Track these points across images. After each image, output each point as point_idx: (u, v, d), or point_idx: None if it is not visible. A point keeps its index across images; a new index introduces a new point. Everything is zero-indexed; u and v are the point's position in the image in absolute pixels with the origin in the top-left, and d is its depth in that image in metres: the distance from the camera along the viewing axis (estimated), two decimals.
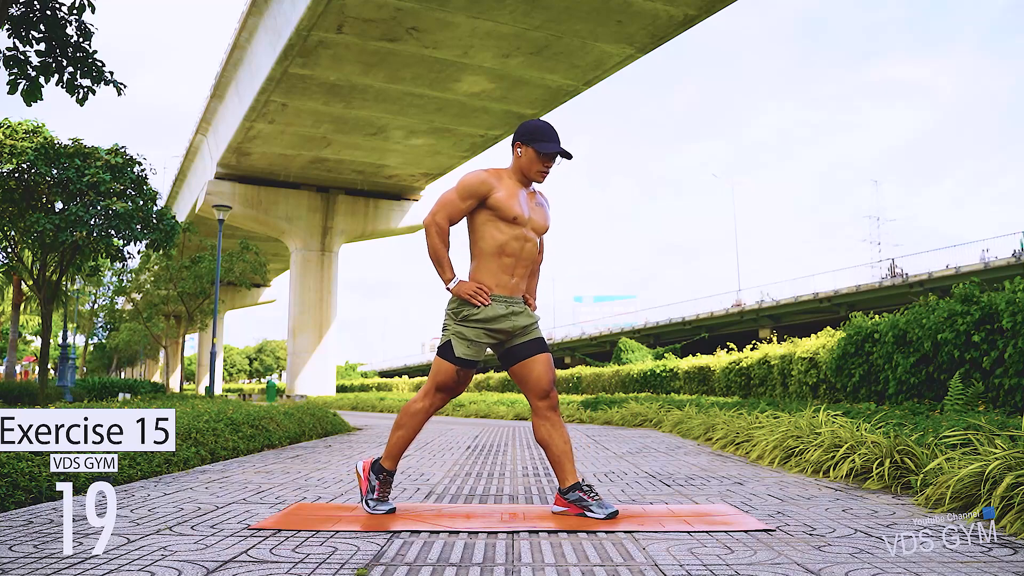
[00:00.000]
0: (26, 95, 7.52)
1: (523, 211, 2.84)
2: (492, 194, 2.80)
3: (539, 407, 2.84)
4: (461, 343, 2.81)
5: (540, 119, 2.95)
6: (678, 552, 2.21)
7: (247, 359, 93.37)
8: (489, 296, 2.81)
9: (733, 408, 8.00)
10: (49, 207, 13.29)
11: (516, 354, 2.86)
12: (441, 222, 2.80)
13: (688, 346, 32.01)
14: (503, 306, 2.84)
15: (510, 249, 2.84)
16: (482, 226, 2.83)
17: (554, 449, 2.84)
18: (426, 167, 28.99)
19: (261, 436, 6.03)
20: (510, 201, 2.82)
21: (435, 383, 2.85)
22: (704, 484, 3.81)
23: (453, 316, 2.84)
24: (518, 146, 2.88)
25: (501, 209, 2.80)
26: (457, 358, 2.80)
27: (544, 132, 2.86)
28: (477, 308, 2.80)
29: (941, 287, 26.15)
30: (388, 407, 19.21)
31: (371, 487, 2.87)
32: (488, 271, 2.84)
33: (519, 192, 2.87)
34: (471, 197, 2.80)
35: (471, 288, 2.79)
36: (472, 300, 2.79)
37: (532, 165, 2.87)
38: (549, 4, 16.77)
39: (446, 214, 2.80)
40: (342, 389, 38.96)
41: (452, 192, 2.83)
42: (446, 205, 2.81)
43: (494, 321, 2.82)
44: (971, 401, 5.74)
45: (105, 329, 48.62)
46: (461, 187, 2.82)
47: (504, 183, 2.84)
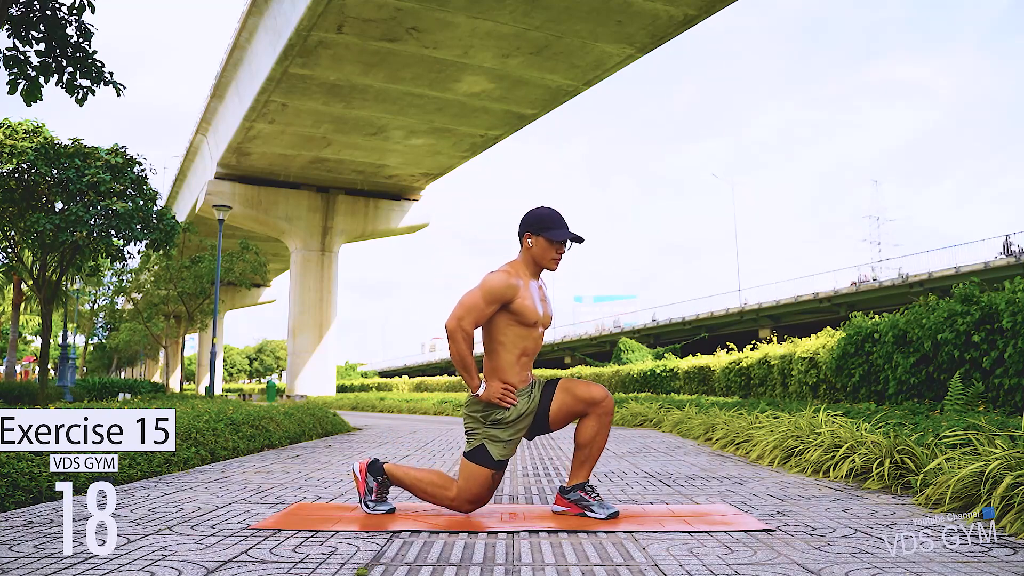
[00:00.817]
0: (26, 95, 7.52)
1: (540, 313, 2.84)
2: (516, 299, 2.77)
3: (595, 412, 2.81)
4: (496, 445, 2.76)
5: (544, 206, 2.88)
6: (678, 552, 2.21)
7: (247, 359, 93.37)
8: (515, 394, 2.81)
9: (733, 408, 8.00)
10: (49, 207, 13.29)
11: (544, 411, 2.84)
12: (467, 328, 2.73)
13: (688, 346, 32.03)
14: (526, 398, 2.83)
15: (529, 350, 2.85)
16: (504, 329, 2.80)
17: (589, 450, 2.83)
18: (426, 167, 28.98)
19: (261, 436, 6.03)
20: (531, 306, 2.79)
21: (470, 495, 2.77)
22: (704, 484, 3.81)
23: (481, 420, 2.79)
24: (528, 236, 2.85)
25: (523, 315, 2.78)
26: (496, 461, 2.77)
27: (552, 219, 2.84)
28: (508, 410, 2.78)
29: (941, 287, 26.15)
30: (388, 407, 19.21)
31: (368, 488, 2.87)
32: (511, 370, 2.81)
33: (532, 289, 2.84)
34: (497, 302, 2.75)
35: (499, 391, 2.77)
36: (502, 404, 2.76)
37: (545, 254, 2.84)
38: (549, 4, 16.77)
39: (472, 319, 2.73)
40: (342, 389, 38.95)
41: (477, 296, 2.75)
42: (472, 310, 2.73)
43: (524, 416, 2.81)
44: (971, 401, 5.74)
45: (105, 329, 48.64)
46: (487, 292, 2.74)
47: (523, 283, 2.81)
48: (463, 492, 2.77)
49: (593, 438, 2.81)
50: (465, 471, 2.77)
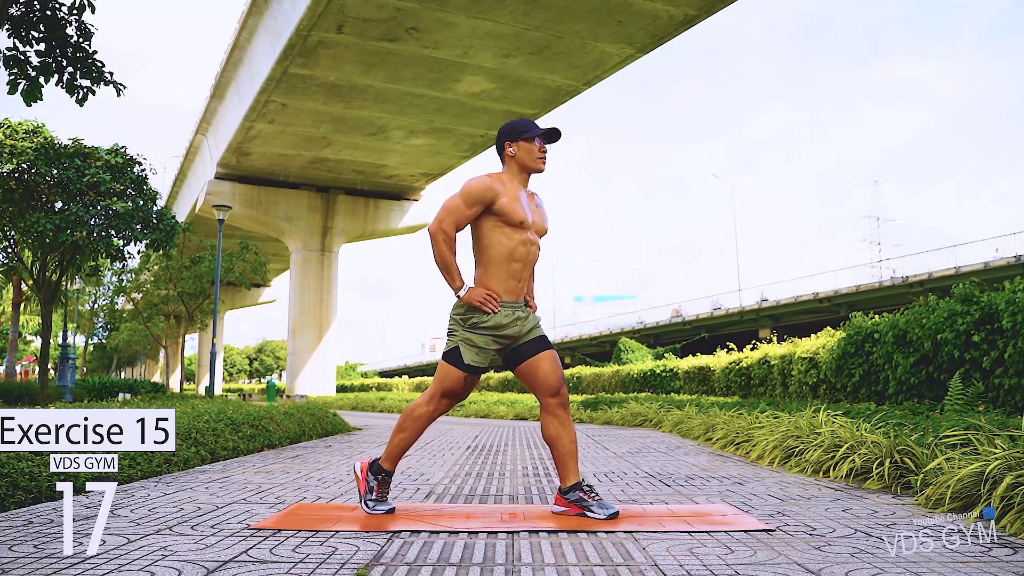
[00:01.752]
0: (26, 95, 7.52)
1: (527, 215, 2.84)
2: (498, 199, 2.79)
3: (549, 404, 2.83)
4: (470, 350, 2.80)
5: (513, 119, 2.97)
6: (678, 552, 2.21)
7: (247, 359, 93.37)
8: (498, 302, 2.81)
9: (733, 408, 8.00)
10: (49, 207, 13.29)
11: (521, 354, 2.86)
12: (448, 229, 2.76)
13: (688, 346, 32.02)
14: (510, 311, 2.83)
15: (518, 254, 2.84)
16: (489, 232, 2.82)
17: (560, 448, 2.83)
18: (426, 167, 28.99)
19: (261, 436, 6.02)
20: (515, 205, 2.81)
21: (441, 388, 2.84)
22: (704, 484, 3.81)
23: (461, 322, 2.82)
24: (508, 146, 2.89)
25: (507, 214, 2.79)
26: (466, 365, 2.79)
27: (525, 123, 2.90)
28: (487, 315, 2.79)
29: (941, 287, 26.15)
30: (388, 407, 19.21)
31: (369, 488, 2.87)
32: (497, 277, 2.82)
33: (521, 195, 2.87)
34: (477, 203, 2.78)
35: (481, 295, 2.78)
36: (483, 307, 2.77)
37: (530, 155, 2.88)
38: (549, 4, 16.77)
39: (452, 221, 2.77)
40: (342, 389, 38.96)
41: (457, 198, 2.79)
42: (452, 212, 2.77)
43: (503, 328, 2.81)
44: (971, 401, 5.74)
45: (105, 329, 48.62)
46: (466, 193, 2.79)
47: (507, 188, 2.83)
48: (438, 387, 2.84)
49: (558, 434, 2.83)
50: (441, 370, 2.86)
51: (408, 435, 2.87)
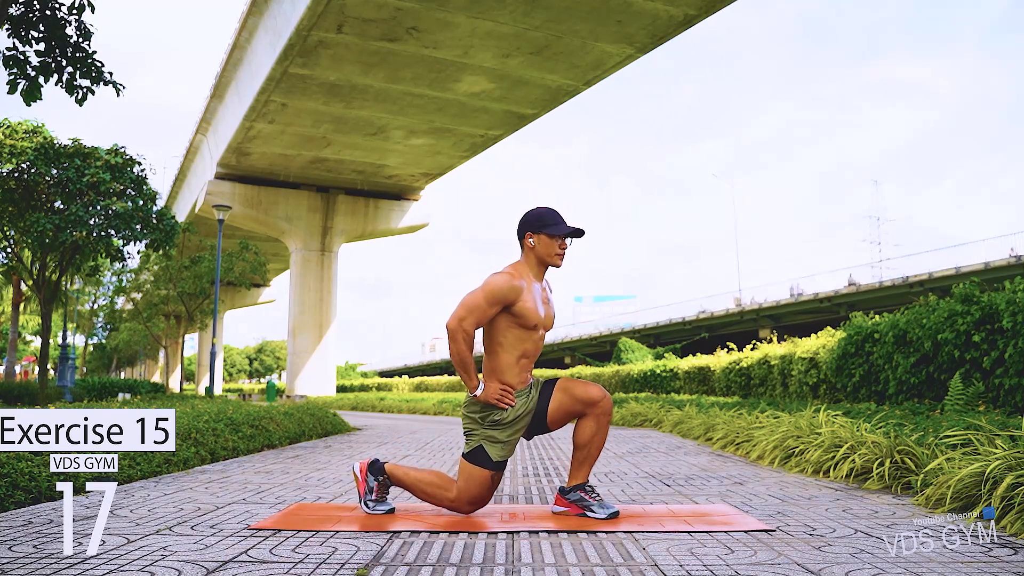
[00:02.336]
0: (26, 95, 7.51)
1: (542, 315, 2.83)
2: (518, 301, 2.76)
3: (594, 411, 2.81)
4: (495, 447, 2.76)
5: (540, 205, 2.89)
6: (678, 552, 2.21)
7: (247, 359, 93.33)
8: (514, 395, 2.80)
9: (733, 408, 8.00)
10: (49, 207, 13.29)
11: (542, 413, 2.83)
12: (468, 328, 2.72)
13: (688, 346, 32.03)
14: (524, 399, 2.82)
15: (529, 352, 2.84)
16: (504, 330, 2.80)
17: (587, 451, 2.82)
18: (426, 167, 28.97)
19: (261, 436, 6.02)
20: (532, 308, 2.78)
21: (469, 496, 2.77)
22: (704, 484, 3.81)
23: (480, 421, 2.79)
24: (529, 236, 2.85)
25: (525, 317, 2.77)
26: (495, 463, 2.76)
27: (551, 216, 2.85)
28: (505, 411, 2.78)
29: (941, 287, 26.15)
30: (388, 407, 19.21)
31: (369, 488, 2.87)
32: (510, 372, 2.81)
33: (536, 291, 2.84)
34: (499, 303, 2.74)
35: (497, 392, 2.76)
36: (500, 404, 2.76)
37: (548, 250, 2.84)
38: (549, 4, 16.76)
39: (474, 320, 2.72)
40: (342, 389, 38.94)
41: (480, 297, 2.73)
42: (473, 311, 2.72)
43: (522, 417, 2.80)
44: (971, 401, 5.74)
45: (105, 329, 48.62)
46: (489, 293, 2.73)
47: (526, 285, 2.80)
48: (463, 493, 2.76)
49: (591, 438, 2.81)
50: (464, 472, 2.77)
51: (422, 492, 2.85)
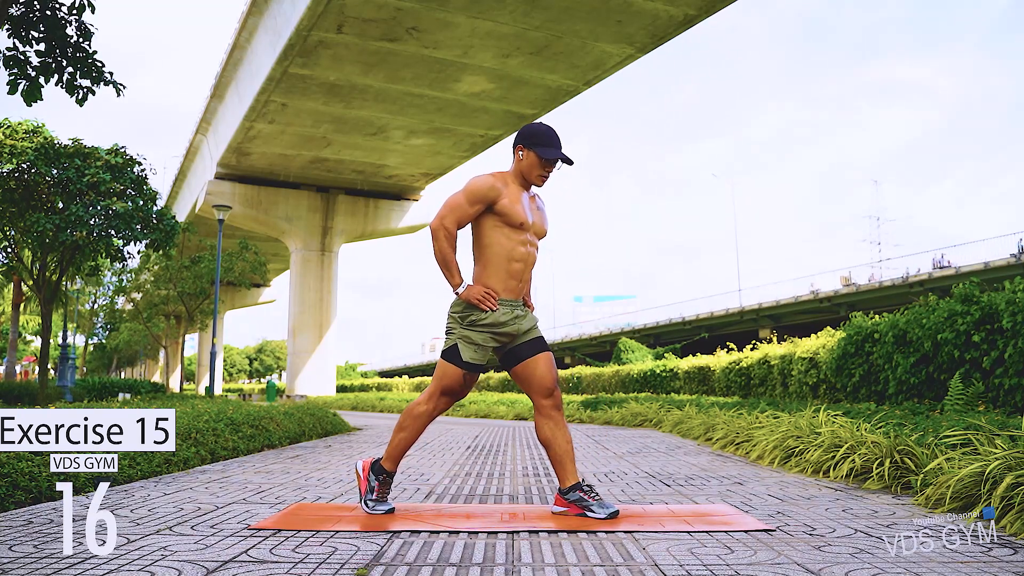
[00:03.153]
0: (26, 95, 7.51)
1: (528, 216, 2.85)
2: (500, 199, 2.80)
3: (543, 405, 2.84)
4: (468, 347, 2.81)
5: (542, 122, 2.93)
6: (678, 552, 2.21)
7: (247, 359, 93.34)
8: (496, 300, 2.82)
9: (733, 408, 8.00)
10: (49, 207, 13.29)
11: (518, 354, 2.87)
12: (449, 226, 2.78)
13: (688, 346, 32.02)
14: (509, 309, 2.84)
15: (517, 255, 2.85)
16: (489, 231, 2.83)
17: (556, 449, 2.84)
18: (426, 167, 28.98)
19: (261, 436, 6.02)
20: (516, 207, 2.82)
21: (440, 386, 2.85)
22: (704, 484, 3.81)
23: (459, 320, 2.83)
24: (520, 149, 2.88)
25: (508, 215, 2.80)
26: (465, 362, 2.80)
27: (546, 136, 2.87)
28: (485, 312, 2.80)
29: (941, 287, 26.15)
30: (388, 407, 19.21)
31: (370, 487, 2.87)
32: (496, 276, 2.83)
33: (522, 196, 2.87)
34: (479, 202, 2.79)
35: (480, 292, 2.79)
36: (481, 305, 2.78)
37: (533, 169, 2.87)
38: (549, 4, 16.77)
39: (454, 218, 2.78)
40: (342, 389, 38.95)
41: (460, 196, 2.81)
42: (455, 209, 2.79)
43: (501, 325, 2.82)
44: (971, 401, 5.74)
45: (105, 329, 48.59)
46: (469, 191, 2.80)
47: (509, 188, 2.84)
48: (437, 386, 2.85)
49: (552, 435, 2.84)
50: (440, 368, 2.87)
51: (408, 434, 2.88)
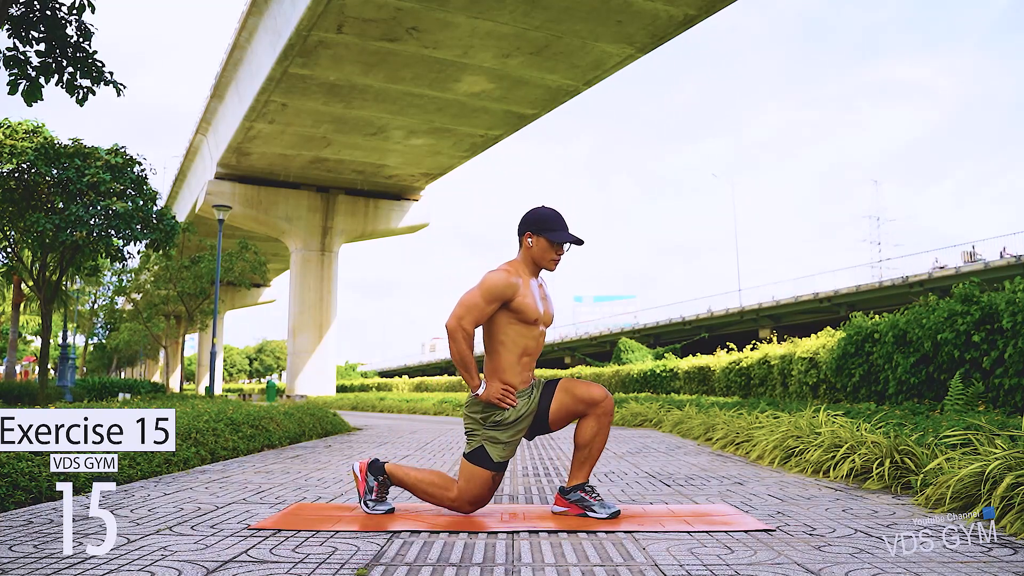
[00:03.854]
0: (26, 95, 7.51)
1: (540, 310, 2.83)
2: (516, 297, 2.77)
3: (595, 411, 2.81)
4: (496, 447, 2.76)
5: (545, 206, 2.88)
6: (678, 552, 2.21)
7: (247, 359, 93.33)
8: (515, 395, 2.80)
9: (733, 408, 8.00)
10: (49, 207, 13.29)
11: (543, 414, 2.83)
12: (467, 327, 2.72)
13: (688, 346, 32.01)
14: (526, 399, 2.82)
15: (531, 349, 2.84)
16: (504, 327, 2.80)
17: (587, 451, 2.82)
18: (426, 167, 28.98)
19: (261, 436, 6.02)
20: (530, 303, 2.79)
21: (470, 496, 2.77)
22: (704, 484, 3.81)
23: (480, 422, 2.79)
24: (528, 236, 2.85)
25: (523, 312, 2.78)
26: (496, 463, 2.76)
27: (554, 220, 2.84)
28: (506, 411, 2.77)
29: (941, 287, 26.14)
30: (388, 407, 19.21)
31: (369, 488, 2.87)
32: (511, 371, 2.81)
33: (533, 287, 2.84)
34: (496, 300, 2.75)
35: (499, 392, 2.76)
36: (501, 404, 2.76)
37: (545, 254, 2.84)
38: (549, 4, 16.76)
39: (472, 319, 2.73)
40: (342, 389, 38.94)
41: (476, 295, 2.75)
42: (472, 310, 2.73)
43: (524, 417, 2.80)
44: (971, 401, 5.74)
45: (105, 329, 48.60)
46: (486, 290, 2.74)
47: (523, 281, 2.81)
48: (464, 493, 2.77)
49: (593, 438, 2.81)
50: (465, 472, 2.77)
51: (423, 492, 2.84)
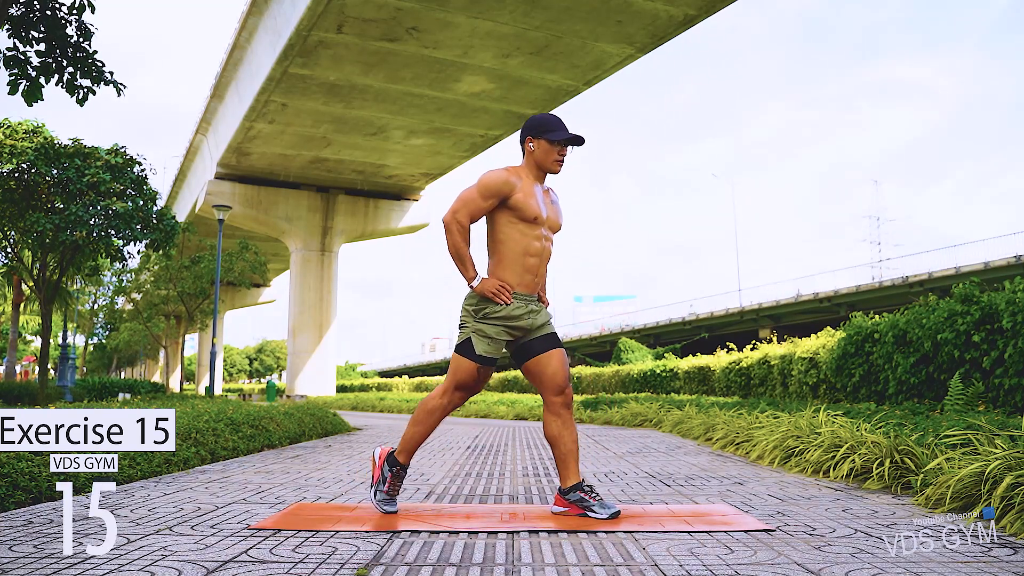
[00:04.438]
0: (27, 95, 7.51)
1: (542, 211, 2.84)
2: (513, 194, 2.78)
3: (553, 402, 2.83)
4: (482, 340, 2.79)
5: (544, 112, 2.95)
6: (678, 552, 2.21)
7: (247, 359, 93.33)
8: (511, 294, 2.81)
9: (733, 408, 8.00)
10: (49, 207, 13.28)
11: (531, 349, 2.85)
12: (463, 220, 2.75)
13: (688, 346, 32.04)
14: (523, 303, 2.83)
15: (532, 249, 2.83)
16: (504, 226, 2.81)
17: (561, 447, 2.83)
18: (426, 167, 28.98)
19: (261, 436, 6.02)
20: (530, 201, 2.80)
21: (455, 381, 2.83)
22: (704, 484, 3.81)
23: (472, 313, 2.81)
24: (529, 141, 2.87)
25: (522, 209, 2.79)
26: (478, 356, 2.79)
27: (552, 122, 2.87)
28: (499, 306, 2.78)
29: (941, 287, 26.14)
30: (388, 407, 19.21)
31: (383, 477, 2.86)
32: (511, 270, 2.82)
33: (536, 190, 2.86)
34: (493, 196, 2.77)
35: (494, 286, 2.77)
36: (495, 298, 2.76)
37: (548, 156, 2.86)
38: (549, 4, 16.76)
39: (467, 212, 2.76)
40: (342, 389, 38.95)
41: (473, 190, 2.78)
42: (468, 203, 2.76)
43: (515, 319, 2.80)
44: (971, 401, 5.74)
45: (105, 329, 48.61)
46: (483, 186, 2.77)
47: (524, 183, 2.83)
48: (452, 380, 2.83)
49: (559, 433, 2.82)
50: (454, 362, 2.85)
51: (423, 428, 2.87)
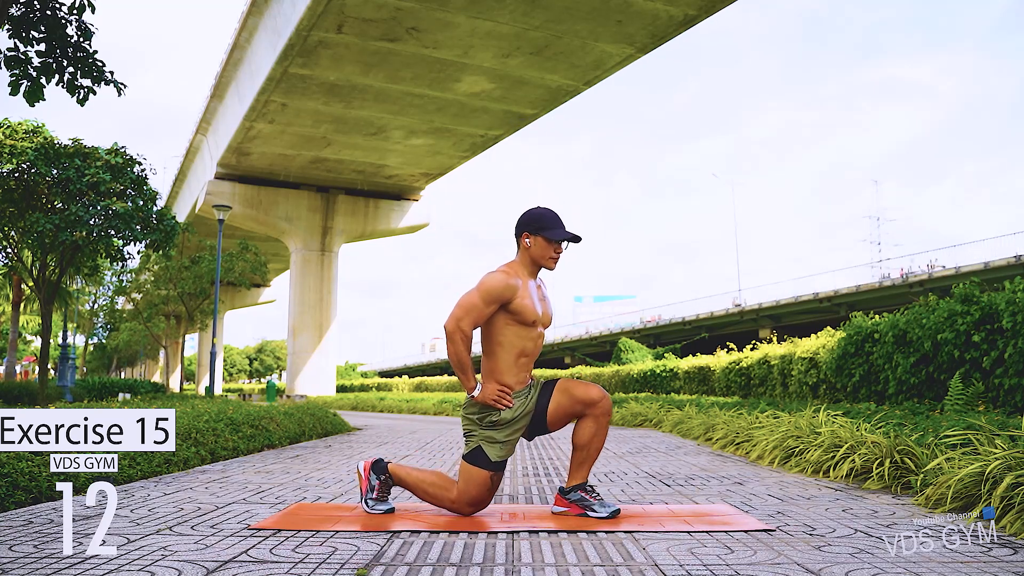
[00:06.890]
0: (28, 96, 7.50)
1: (539, 311, 2.83)
2: (515, 298, 2.76)
3: (594, 411, 2.80)
4: (493, 447, 2.76)
5: (540, 206, 2.88)
6: (678, 552, 2.21)
7: (247, 359, 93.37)
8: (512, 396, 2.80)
9: (733, 408, 8.00)
10: (49, 207, 13.28)
11: (541, 414, 2.83)
12: (466, 328, 2.72)
13: (688, 346, 32.02)
14: (522, 400, 2.81)
15: (528, 350, 2.83)
16: (502, 329, 2.79)
17: (586, 451, 2.82)
18: (426, 167, 28.98)
19: (261, 436, 6.03)
20: (529, 304, 2.78)
21: (469, 498, 2.76)
22: (704, 484, 3.81)
23: (477, 422, 2.78)
24: (526, 236, 2.84)
25: (522, 314, 2.77)
26: (494, 463, 2.76)
27: (549, 219, 2.84)
28: (502, 411, 2.77)
29: (941, 287, 26.14)
30: (388, 407, 19.21)
31: (371, 486, 2.88)
32: (508, 371, 2.80)
33: (531, 288, 2.84)
34: (495, 302, 2.74)
35: (495, 393, 2.76)
36: (497, 405, 2.75)
37: (544, 253, 2.84)
38: (549, 4, 16.76)
39: (471, 320, 2.72)
40: (342, 389, 38.94)
41: (475, 296, 2.74)
42: (471, 311, 2.72)
43: (520, 417, 2.80)
44: (971, 401, 5.74)
45: (105, 329, 48.61)
46: (485, 292, 2.74)
47: (522, 284, 2.80)
48: (463, 495, 2.77)
49: (591, 439, 2.81)
50: (464, 474, 2.77)
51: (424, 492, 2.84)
